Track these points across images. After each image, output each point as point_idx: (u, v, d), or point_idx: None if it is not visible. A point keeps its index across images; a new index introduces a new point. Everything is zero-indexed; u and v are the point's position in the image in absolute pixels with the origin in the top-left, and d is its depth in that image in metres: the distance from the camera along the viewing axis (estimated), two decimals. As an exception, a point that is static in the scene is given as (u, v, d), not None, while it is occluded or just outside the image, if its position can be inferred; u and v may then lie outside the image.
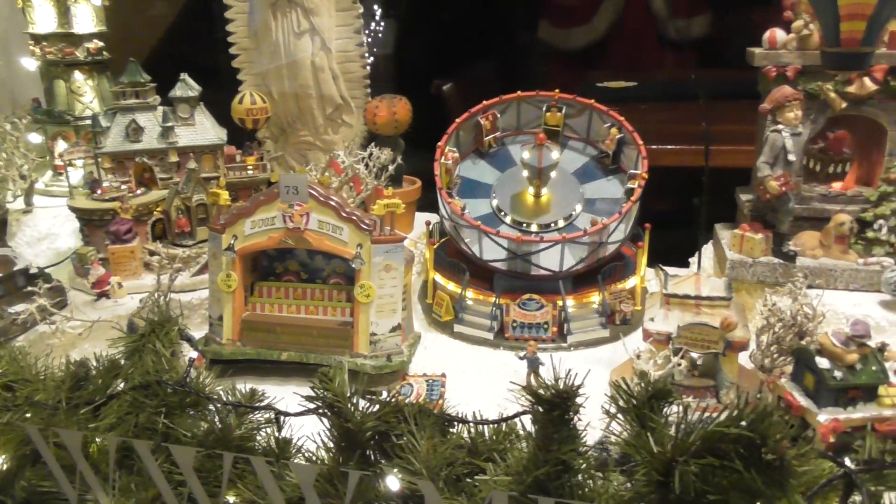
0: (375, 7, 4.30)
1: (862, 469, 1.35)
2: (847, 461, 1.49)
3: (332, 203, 2.10)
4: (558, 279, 2.38)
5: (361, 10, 2.96)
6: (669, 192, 4.06)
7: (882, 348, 1.69)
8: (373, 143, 2.74)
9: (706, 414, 1.33)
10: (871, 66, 2.06)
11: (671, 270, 2.71)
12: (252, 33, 3.01)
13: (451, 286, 2.57)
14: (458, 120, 2.66)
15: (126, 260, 2.49)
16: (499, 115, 2.70)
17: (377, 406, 1.61)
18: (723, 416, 1.29)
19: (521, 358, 2.09)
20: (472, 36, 4.44)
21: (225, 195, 2.18)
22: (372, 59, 4.22)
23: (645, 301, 2.55)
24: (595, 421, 1.46)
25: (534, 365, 2.08)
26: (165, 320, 2.09)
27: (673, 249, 2.89)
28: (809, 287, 2.32)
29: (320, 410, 1.56)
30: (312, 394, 1.51)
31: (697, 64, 4.71)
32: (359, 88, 3.08)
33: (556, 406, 1.31)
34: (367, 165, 2.71)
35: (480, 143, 2.71)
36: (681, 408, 1.43)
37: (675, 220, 2.89)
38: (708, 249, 2.82)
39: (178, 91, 2.65)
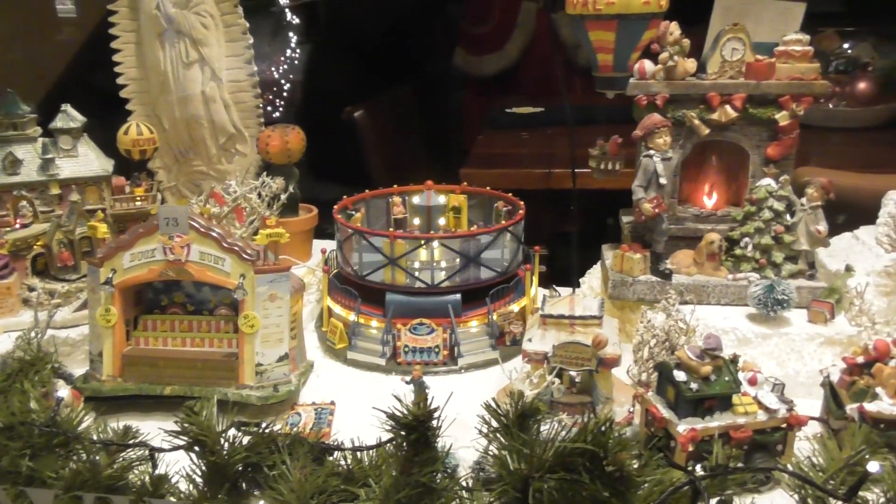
0: (290, 34, 4.32)
1: (706, 476, 1.44)
2: (698, 468, 1.59)
3: (214, 234, 2.09)
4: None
5: (251, 41, 2.97)
6: (568, 212, 4.19)
7: (734, 360, 1.80)
8: (264, 173, 2.75)
9: (562, 430, 1.39)
10: (625, 87, 2.51)
11: (568, 291, 2.82)
12: (140, 63, 2.98)
13: (345, 313, 2.59)
14: (336, 208, 2.77)
15: (1, 297, 2.40)
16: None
17: (248, 438, 1.61)
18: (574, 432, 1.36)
19: (406, 382, 2.12)
20: (387, 62, 4.51)
21: (103, 228, 2.14)
22: (288, 85, 4.23)
23: (535, 322, 2.63)
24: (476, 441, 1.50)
25: (420, 389, 2.11)
26: (38, 358, 2.03)
27: (578, 269, 2.99)
28: (684, 303, 2.45)
29: (189, 445, 1.55)
30: (178, 429, 1.51)
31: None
32: (251, 118, 3.07)
33: (413, 430, 1.35)
34: (259, 195, 2.71)
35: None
36: (539, 425, 1.49)
37: (580, 240, 3.00)
38: (597, 269, 2.93)
39: (58, 122, 2.59)
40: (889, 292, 2.32)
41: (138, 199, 2.70)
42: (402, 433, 1.35)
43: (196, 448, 1.51)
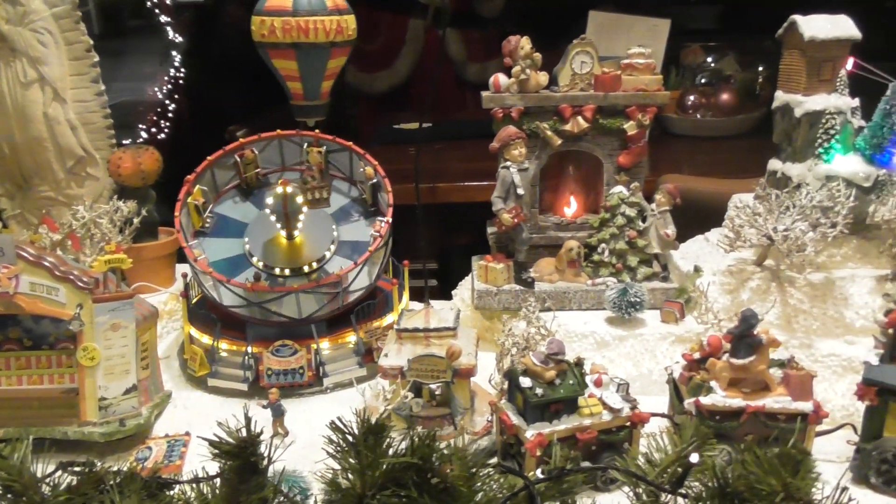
0: (174, 53, 4.17)
1: (541, 479, 1.45)
2: (538, 473, 1.59)
3: (46, 263, 1.96)
4: (301, 325, 2.39)
5: (97, 59, 2.83)
6: (457, 226, 4.22)
7: (579, 363, 1.84)
8: (115, 196, 2.62)
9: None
10: (323, 114, 2.78)
11: (440, 304, 2.82)
12: (-27, 84, 2.79)
13: (206, 339, 2.48)
14: (209, 158, 2.61)
15: None
16: (257, 153, 2.68)
17: (71, 479, 1.51)
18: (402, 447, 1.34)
19: (263, 407, 2.05)
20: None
21: (-82, 263, 1.97)
22: (173, 105, 4.08)
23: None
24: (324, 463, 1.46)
25: (277, 413, 2.05)
26: None
27: (456, 281, 3.00)
28: (547, 310, 2.50)
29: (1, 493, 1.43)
30: (-16, 475, 1.39)
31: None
32: (102, 139, 2.92)
33: (236, 456, 1.29)
34: (112, 220, 2.57)
35: (241, 179, 2.67)
36: (386, 442, 1.46)
37: (462, 252, 3.01)
38: (468, 281, 2.95)
39: None
40: (732, 290, 2.44)
41: (-26, 229, 2.51)
42: (224, 461, 1.29)
43: (9, 496, 1.40)
